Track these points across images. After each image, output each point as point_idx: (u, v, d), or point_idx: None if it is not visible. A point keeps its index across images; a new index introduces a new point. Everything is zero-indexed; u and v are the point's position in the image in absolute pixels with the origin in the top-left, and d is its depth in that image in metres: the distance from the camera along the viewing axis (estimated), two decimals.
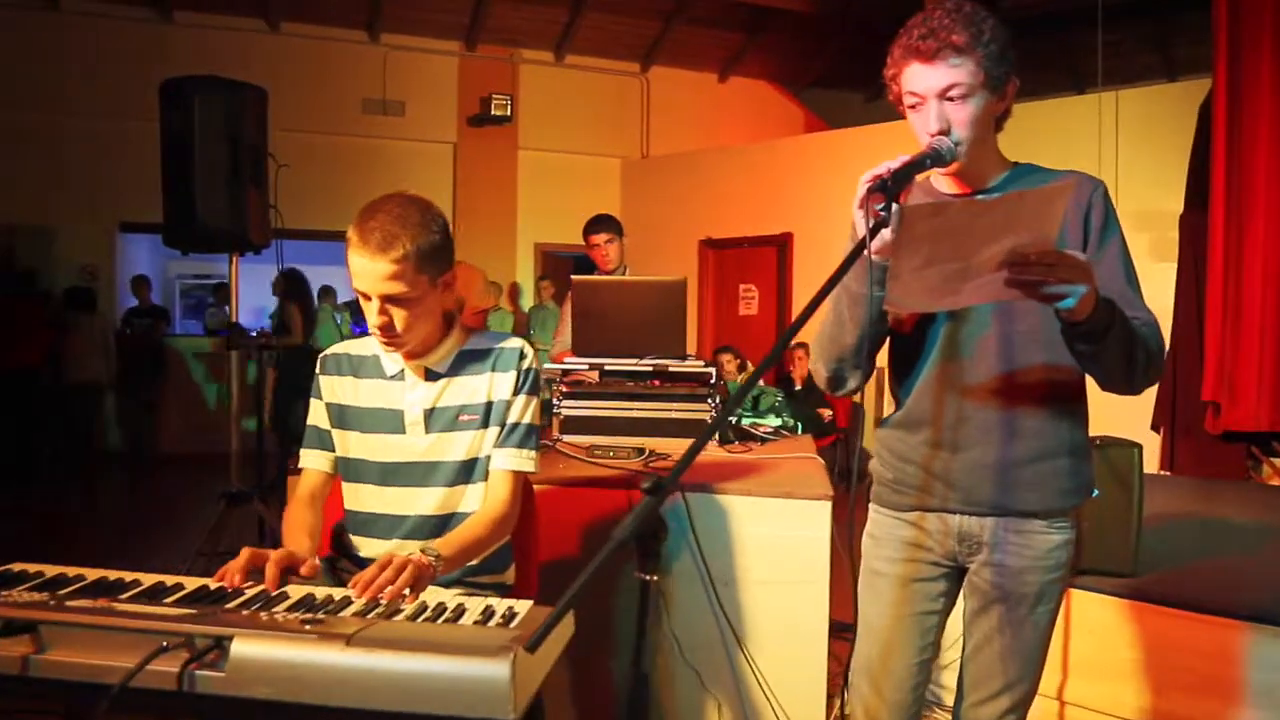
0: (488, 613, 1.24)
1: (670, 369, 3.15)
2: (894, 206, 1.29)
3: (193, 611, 1.14)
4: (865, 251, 1.31)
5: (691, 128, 10.02)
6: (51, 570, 1.38)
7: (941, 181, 1.59)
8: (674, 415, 3.21)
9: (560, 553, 2.39)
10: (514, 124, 9.33)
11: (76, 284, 7.92)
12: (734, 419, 3.96)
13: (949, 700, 2.38)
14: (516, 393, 1.80)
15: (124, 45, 8.17)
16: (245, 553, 1.47)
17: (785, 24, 9.34)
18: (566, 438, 3.16)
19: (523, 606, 1.28)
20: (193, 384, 8.63)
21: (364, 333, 1.81)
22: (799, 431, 5.41)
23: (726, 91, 10.45)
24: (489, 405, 1.79)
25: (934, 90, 1.42)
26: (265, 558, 1.46)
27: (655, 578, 1.04)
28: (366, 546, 1.83)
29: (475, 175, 9.37)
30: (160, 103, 3.55)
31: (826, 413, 7.15)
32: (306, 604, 1.29)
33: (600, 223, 4.04)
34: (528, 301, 9.58)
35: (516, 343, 1.84)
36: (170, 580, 1.36)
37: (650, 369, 3.16)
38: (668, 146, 9.90)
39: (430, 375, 1.79)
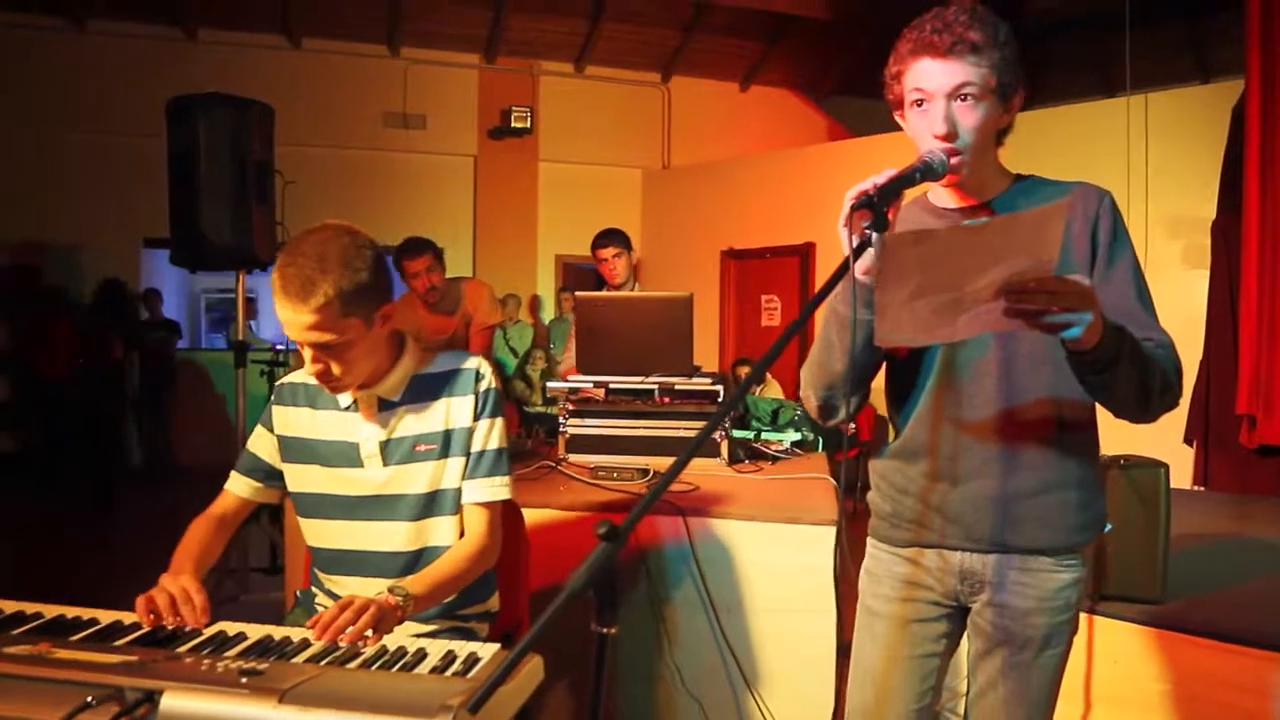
0: (448, 658, 1.17)
1: (676, 386, 3.08)
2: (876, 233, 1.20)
3: (132, 659, 1.08)
4: (849, 272, 1.23)
5: (713, 137, 9.94)
6: (10, 607, 1.33)
7: (940, 194, 1.50)
8: (683, 433, 3.14)
9: (555, 579, 2.31)
10: (534, 136, 9.31)
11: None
12: (752, 436, 3.88)
13: None
14: (477, 418, 1.71)
15: (148, 63, 8.25)
16: (140, 601, 1.37)
17: (805, 32, 9.24)
18: (573, 457, 3.10)
19: (487, 651, 1.21)
20: (213, 397, 8.69)
21: None
22: (819, 447, 5.30)
23: (748, 100, 10.37)
24: (448, 434, 1.70)
25: (945, 88, 1.33)
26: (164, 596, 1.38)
27: (613, 630, 0.96)
28: (337, 585, 1.76)
29: (496, 187, 9.36)
30: (166, 120, 3.56)
31: (849, 426, 7.02)
32: (261, 648, 1.23)
33: (608, 236, 3.97)
34: (548, 314, 9.55)
35: (473, 363, 1.74)
36: (129, 619, 1.30)
37: (656, 387, 3.09)
38: (689, 157, 9.83)
39: (384, 405, 1.69)
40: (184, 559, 1.58)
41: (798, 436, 6.34)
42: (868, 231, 1.20)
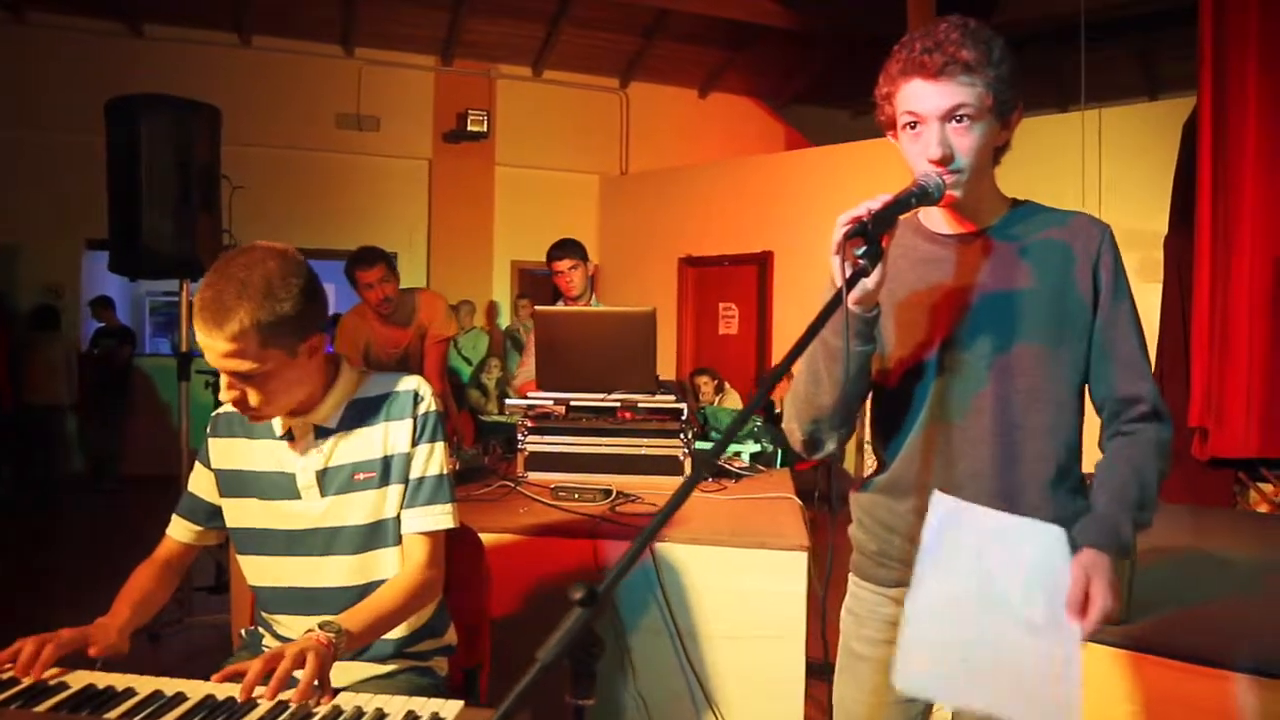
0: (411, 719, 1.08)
1: (639, 404, 3.01)
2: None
3: None
4: (843, 303, 1.17)
5: (671, 144, 9.89)
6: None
7: (933, 218, 1.44)
8: (645, 451, 3.06)
9: (515, 608, 2.23)
10: (491, 140, 9.19)
11: (42, 303, 7.72)
12: (690, 446, 3.80)
13: None
14: (416, 443, 1.61)
15: (92, 59, 7.96)
16: (27, 646, 1.30)
17: (767, 40, 9.25)
18: (532, 475, 3.01)
19: (450, 711, 1.12)
20: (158, 405, 8.41)
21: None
22: (778, 460, 5.24)
23: (707, 107, 10.35)
24: (387, 460, 1.60)
25: (938, 111, 1.28)
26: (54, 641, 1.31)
27: (591, 702, 0.88)
28: (281, 625, 1.65)
29: (451, 192, 9.21)
30: (106, 121, 3.39)
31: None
32: (206, 710, 1.12)
33: (563, 248, 3.86)
34: (504, 320, 9.42)
35: (411, 384, 1.63)
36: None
37: (618, 404, 3.01)
38: (647, 163, 9.77)
39: (319, 432, 1.59)
40: (122, 605, 1.49)
41: (758, 448, 6.32)
42: (861, 261, 1.16)
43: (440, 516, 1.62)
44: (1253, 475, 5.19)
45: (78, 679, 1.23)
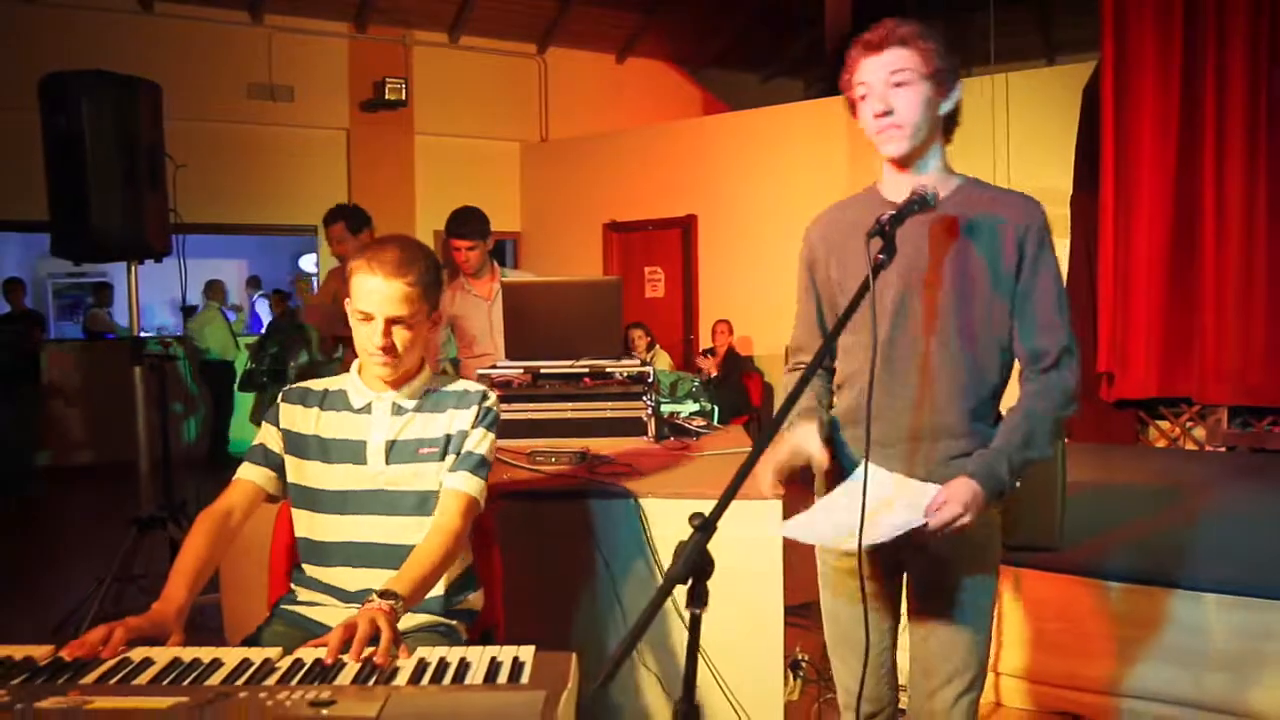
0: (494, 667, 1.20)
1: (608, 369, 3.13)
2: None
3: (182, 700, 1.05)
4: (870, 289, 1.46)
5: (591, 110, 9.91)
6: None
7: (890, 189, 1.69)
8: (609, 414, 3.19)
9: (518, 569, 2.34)
10: (409, 108, 9.03)
11: None
12: (654, 405, 3.94)
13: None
14: (475, 426, 1.85)
15: None
16: (97, 632, 1.37)
17: (681, 5, 9.33)
18: (501, 442, 3.10)
19: (526, 655, 1.24)
20: (76, 391, 8.13)
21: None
22: (715, 417, 5.48)
23: (625, 73, 10.38)
24: (448, 438, 1.83)
25: (880, 76, 1.57)
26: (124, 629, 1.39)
27: (705, 610, 1.05)
28: (328, 575, 1.81)
29: (371, 162, 9.04)
30: (40, 101, 3.29)
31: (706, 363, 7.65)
32: (307, 675, 1.21)
33: (464, 224, 3.79)
34: None
35: (481, 386, 1.92)
36: (137, 656, 1.26)
37: (587, 370, 3.12)
38: (568, 130, 9.78)
39: (396, 409, 1.84)
40: (178, 585, 1.58)
41: (696, 407, 6.52)
42: (881, 256, 1.46)
43: (476, 486, 1.81)
44: (1152, 414, 5.66)
45: (158, 653, 1.29)
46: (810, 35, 9.40)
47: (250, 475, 1.83)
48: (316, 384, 1.91)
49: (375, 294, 1.70)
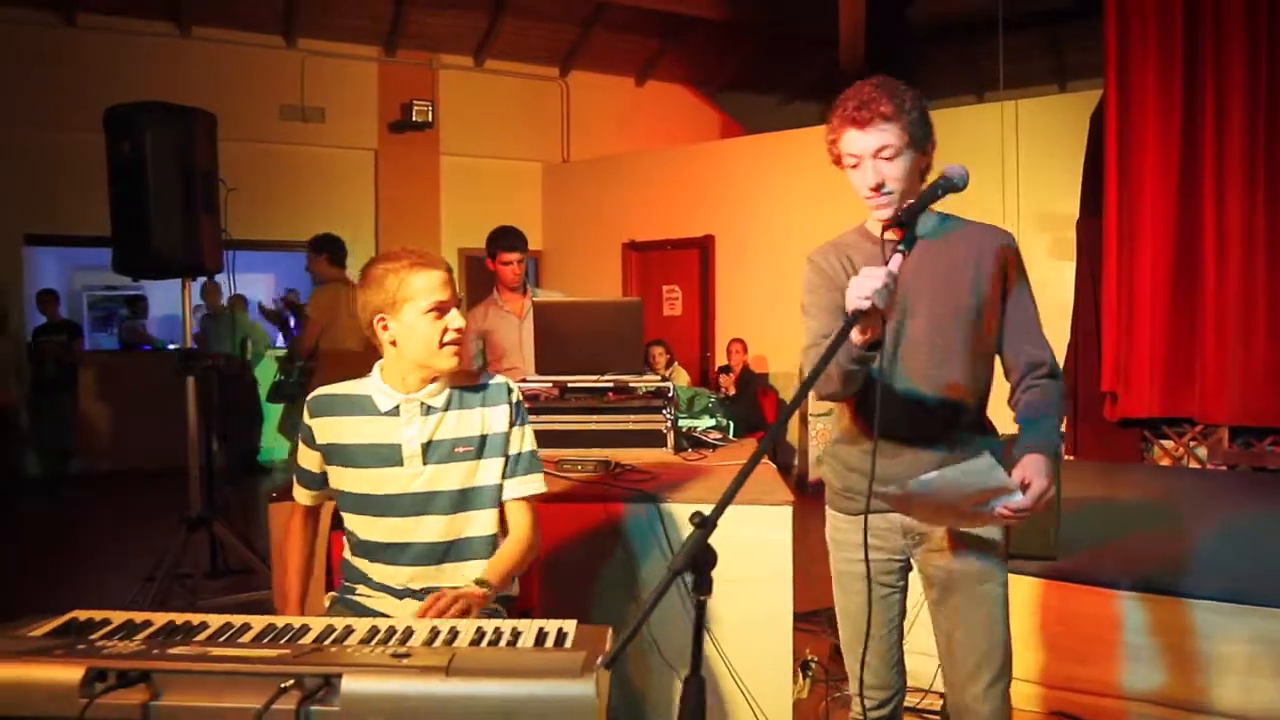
0: (542, 635, 1.40)
1: (630, 384, 3.33)
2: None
3: (286, 652, 1.26)
4: (894, 278, 1.59)
5: (610, 132, 10.17)
6: (118, 616, 1.47)
7: (879, 227, 1.85)
8: (631, 427, 3.38)
9: (551, 560, 2.55)
10: (435, 129, 9.33)
11: None
12: (673, 419, 4.13)
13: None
14: (513, 425, 2.00)
15: (23, 49, 7.83)
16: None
17: (699, 30, 9.60)
18: None
19: (570, 626, 1.44)
20: (111, 400, 8.39)
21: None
22: (731, 432, 5.69)
23: (644, 95, 10.65)
24: (484, 438, 1.96)
25: (868, 151, 1.75)
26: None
27: (709, 597, 1.23)
28: (377, 572, 1.97)
29: (397, 181, 9.34)
30: (105, 130, 3.55)
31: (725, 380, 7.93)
32: (384, 636, 1.42)
33: (513, 239, 4.01)
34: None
35: (501, 379, 2.04)
36: (237, 621, 1.47)
37: (611, 384, 3.33)
38: (588, 150, 10.04)
39: (427, 410, 1.93)
40: (289, 584, 1.94)
41: (712, 422, 6.70)
42: (899, 249, 1.63)
43: (535, 483, 2.03)
44: (1156, 433, 5.81)
45: (255, 620, 1.50)
46: (825, 60, 9.64)
47: (302, 499, 2.09)
48: (338, 390, 1.98)
49: (436, 283, 1.86)
